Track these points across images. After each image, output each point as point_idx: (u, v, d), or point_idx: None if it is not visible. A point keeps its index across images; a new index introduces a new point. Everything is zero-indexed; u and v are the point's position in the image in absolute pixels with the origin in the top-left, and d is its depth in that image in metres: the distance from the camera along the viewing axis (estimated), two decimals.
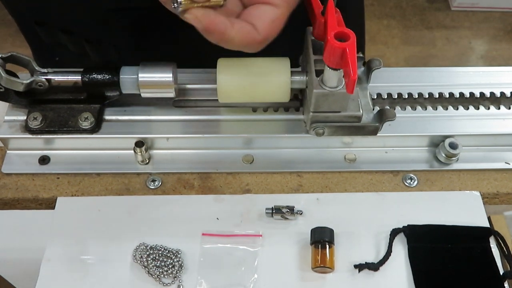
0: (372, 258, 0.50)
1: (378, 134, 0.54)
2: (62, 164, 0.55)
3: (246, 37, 0.40)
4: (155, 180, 0.54)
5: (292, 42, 0.52)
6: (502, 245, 0.50)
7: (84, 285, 0.49)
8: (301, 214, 0.52)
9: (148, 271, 0.49)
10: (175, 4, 0.39)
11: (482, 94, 0.57)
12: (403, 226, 0.51)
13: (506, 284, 0.48)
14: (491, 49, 1.83)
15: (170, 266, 0.49)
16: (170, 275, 0.49)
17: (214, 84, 0.50)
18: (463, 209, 0.52)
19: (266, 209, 0.52)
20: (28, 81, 0.50)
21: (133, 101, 0.56)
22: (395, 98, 0.57)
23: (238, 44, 0.40)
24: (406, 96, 0.57)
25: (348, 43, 0.39)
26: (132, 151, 0.54)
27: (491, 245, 0.50)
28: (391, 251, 0.49)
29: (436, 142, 0.56)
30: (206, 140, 0.55)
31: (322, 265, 0.48)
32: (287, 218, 0.52)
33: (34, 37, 0.44)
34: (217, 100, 0.52)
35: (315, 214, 0.52)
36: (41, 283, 0.49)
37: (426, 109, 0.57)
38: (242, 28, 0.40)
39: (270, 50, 0.52)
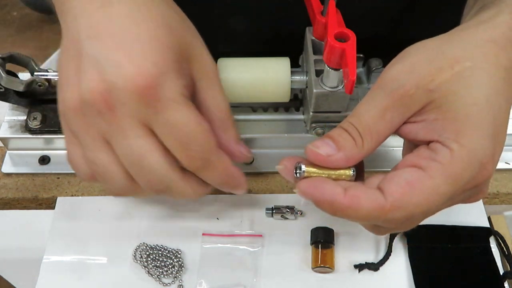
0: (372, 258, 0.50)
1: None
2: (62, 164, 0.55)
3: (364, 205, 0.32)
4: None
5: (292, 42, 0.52)
6: (502, 245, 0.50)
7: (84, 285, 0.49)
8: (301, 214, 0.52)
9: (148, 271, 0.49)
10: (297, 173, 0.35)
11: None
12: None
13: (506, 284, 0.48)
14: None
15: (170, 266, 0.49)
16: (170, 275, 0.49)
17: None
18: (463, 209, 0.52)
19: (266, 209, 0.52)
20: (28, 81, 0.50)
21: None
22: None
23: (358, 215, 0.32)
24: None
25: (348, 43, 0.39)
26: None
27: (491, 245, 0.50)
28: (391, 251, 0.49)
29: None
30: None
31: (322, 265, 0.48)
32: (287, 218, 0.52)
33: None
34: None
35: (315, 214, 0.52)
36: (41, 283, 0.49)
37: None
38: (359, 194, 0.32)
39: (270, 50, 0.52)
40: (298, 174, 0.35)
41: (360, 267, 0.49)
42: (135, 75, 0.34)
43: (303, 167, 0.34)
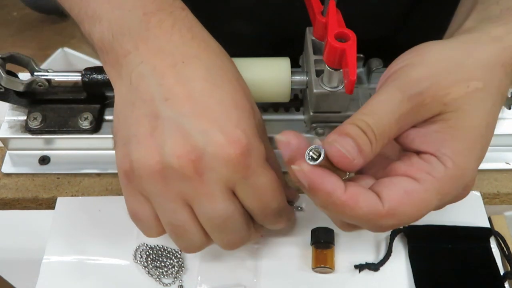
0: (372, 258, 0.50)
1: None
2: (62, 164, 0.55)
3: (362, 206, 0.31)
4: None
5: (293, 42, 0.52)
6: (503, 245, 0.50)
7: (84, 285, 0.49)
8: (301, 209, 0.52)
9: (148, 271, 0.49)
10: (311, 157, 0.32)
11: None
12: (403, 226, 0.51)
13: (506, 285, 0.48)
14: None
15: (170, 266, 0.49)
16: (170, 275, 0.49)
17: None
18: (463, 209, 0.52)
19: None
20: (28, 81, 0.50)
21: None
22: None
23: (352, 214, 0.32)
24: None
25: (348, 43, 0.39)
26: None
27: (492, 245, 0.50)
28: (391, 251, 0.49)
29: None
30: None
31: (323, 265, 0.48)
32: None
33: None
34: None
35: (315, 214, 0.52)
36: (41, 283, 0.49)
37: None
38: (359, 194, 0.32)
39: (271, 50, 0.52)
40: (311, 159, 0.32)
41: (360, 267, 0.49)
42: (227, 144, 0.34)
43: (323, 156, 0.32)
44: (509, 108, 0.56)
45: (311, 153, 0.32)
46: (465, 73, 0.34)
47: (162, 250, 0.50)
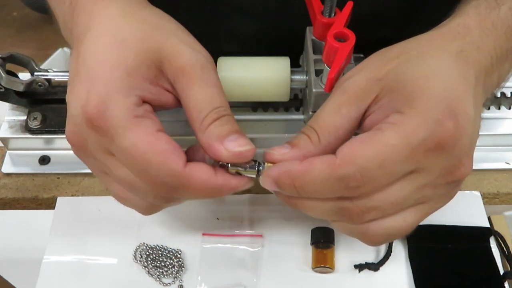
0: (372, 258, 0.50)
1: None
2: (62, 164, 0.55)
3: (317, 164, 0.33)
4: None
5: (294, 42, 0.52)
6: (502, 245, 0.50)
7: (84, 285, 0.49)
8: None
9: (148, 271, 0.49)
10: (258, 170, 0.37)
11: None
12: None
13: (506, 284, 0.48)
14: None
15: (170, 266, 0.49)
16: (170, 275, 0.49)
17: None
18: (463, 209, 0.52)
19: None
20: (28, 81, 0.50)
21: None
22: None
23: (311, 178, 0.33)
24: None
25: (344, 43, 0.39)
26: None
27: (491, 245, 0.50)
28: (391, 251, 0.49)
29: None
30: None
31: (323, 265, 0.48)
32: None
33: None
34: None
35: None
36: (41, 283, 0.49)
37: None
38: (313, 159, 0.33)
39: (271, 49, 0.52)
40: (256, 174, 0.37)
41: (360, 267, 0.49)
42: (83, 107, 0.34)
43: (265, 164, 0.36)
44: (509, 108, 0.57)
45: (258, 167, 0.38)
46: (393, 53, 0.36)
47: (162, 250, 0.50)
